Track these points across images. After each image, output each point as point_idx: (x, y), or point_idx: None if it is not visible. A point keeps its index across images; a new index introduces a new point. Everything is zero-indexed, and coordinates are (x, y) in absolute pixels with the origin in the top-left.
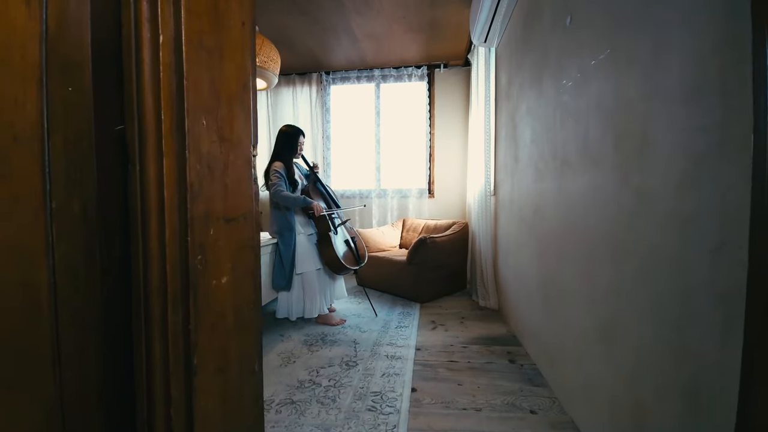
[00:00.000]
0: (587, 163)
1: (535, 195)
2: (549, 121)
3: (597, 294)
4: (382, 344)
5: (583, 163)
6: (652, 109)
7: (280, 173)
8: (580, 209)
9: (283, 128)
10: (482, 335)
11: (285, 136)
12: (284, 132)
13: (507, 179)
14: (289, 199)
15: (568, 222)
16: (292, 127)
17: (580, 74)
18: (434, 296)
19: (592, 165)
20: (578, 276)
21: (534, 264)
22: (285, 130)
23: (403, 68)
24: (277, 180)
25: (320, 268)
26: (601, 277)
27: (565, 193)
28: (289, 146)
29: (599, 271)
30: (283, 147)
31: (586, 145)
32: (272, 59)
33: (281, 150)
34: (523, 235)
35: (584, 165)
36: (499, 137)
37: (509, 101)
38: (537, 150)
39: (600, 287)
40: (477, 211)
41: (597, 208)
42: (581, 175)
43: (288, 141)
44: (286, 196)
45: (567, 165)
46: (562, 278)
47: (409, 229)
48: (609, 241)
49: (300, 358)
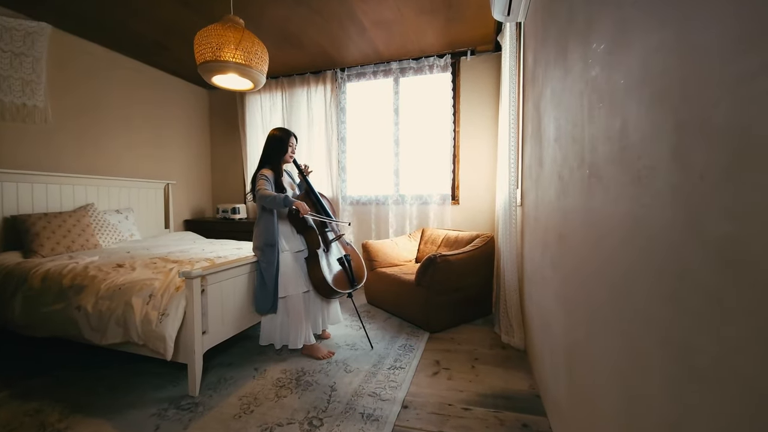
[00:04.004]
0: (624, 178)
1: (559, 216)
2: (574, 109)
3: (646, 388)
4: (363, 394)
5: (619, 176)
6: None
7: (267, 177)
8: (615, 247)
9: (273, 132)
10: (495, 391)
11: (274, 140)
12: (273, 135)
13: (532, 188)
14: (268, 198)
15: (598, 262)
16: (281, 130)
17: (615, 28)
18: (448, 324)
19: (633, 182)
20: (613, 352)
21: (557, 313)
22: (274, 133)
23: (424, 59)
24: (264, 184)
25: (308, 291)
26: (648, 361)
27: (594, 217)
28: (278, 150)
29: (646, 357)
30: (273, 150)
31: (623, 148)
32: (258, 56)
33: (270, 154)
34: (547, 267)
35: (620, 180)
36: (525, 133)
37: (534, 86)
38: (561, 153)
39: (651, 381)
40: (503, 224)
41: (642, 253)
42: (615, 195)
43: (278, 144)
44: (266, 195)
45: (596, 177)
46: (591, 347)
47: (428, 241)
48: (663, 312)
49: (261, 407)
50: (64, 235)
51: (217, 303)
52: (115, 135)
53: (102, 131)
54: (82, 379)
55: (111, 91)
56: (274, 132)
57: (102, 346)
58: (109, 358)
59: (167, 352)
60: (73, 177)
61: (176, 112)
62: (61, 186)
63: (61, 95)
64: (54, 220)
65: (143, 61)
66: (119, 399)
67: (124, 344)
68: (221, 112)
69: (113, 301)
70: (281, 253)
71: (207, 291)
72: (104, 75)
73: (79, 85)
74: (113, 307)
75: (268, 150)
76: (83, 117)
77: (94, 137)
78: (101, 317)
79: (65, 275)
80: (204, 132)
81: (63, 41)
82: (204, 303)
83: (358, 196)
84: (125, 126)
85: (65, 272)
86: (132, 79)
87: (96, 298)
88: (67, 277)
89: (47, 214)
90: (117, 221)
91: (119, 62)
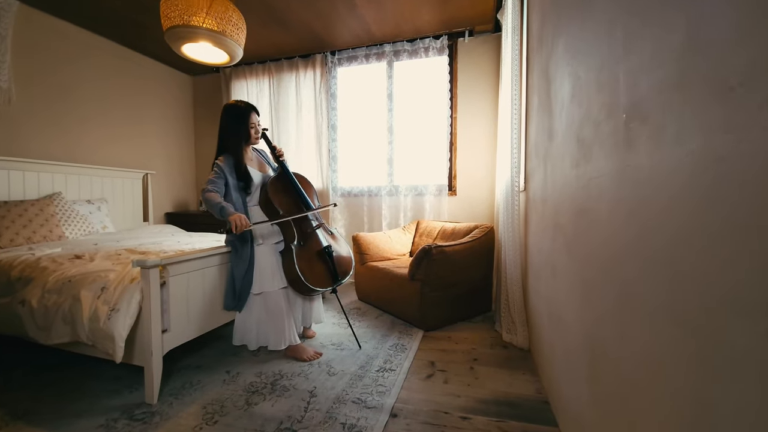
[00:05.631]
0: (693, 107)
1: (577, 189)
2: (599, 50)
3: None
4: (347, 400)
5: (681, 106)
6: None
7: (219, 168)
8: (673, 212)
9: (227, 105)
10: (497, 396)
11: (229, 117)
12: (228, 110)
13: (539, 167)
14: (211, 203)
15: (642, 235)
16: (238, 104)
17: None
18: (444, 322)
19: (711, 105)
20: (670, 346)
21: (574, 304)
22: (228, 107)
23: (419, 40)
24: (213, 177)
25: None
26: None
27: (637, 177)
28: (236, 129)
29: (729, 351)
30: (229, 132)
31: (691, 66)
32: (233, 24)
33: (226, 137)
34: (559, 252)
35: (684, 111)
36: (530, 109)
37: (542, 50)
38: (580, 111)
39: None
40: (504, 213)
41: (724, 206)
42: (675, 135)
43: (234, 122)
44: (209, 199)
45: (640, 120)
46: (626, 345)
47: (423, 234)
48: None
49: (227, 416)
50: (24, 225)
51: (182, 298)
52: (90, 120)
53: (75, 117)
54: (31, 382)
55: (86, 74)
56: (227, 106)
57: (48, 346)
58: (67, 358)
59: (116, 353)
60: (38, 163)
61: (157, 100)
62: (25, 173)
63: (28, 77)
64: (14, 209)
65: (121, 42)
66: (67, 406)
67: (73, 344)
68: (206, 99)
69: (61, 295)
70: (257, 246)
71: (169, 283)
72: (78, 57)
73: (50, 67)
74: (60, 302)
75: (224, 134)
76: (54, 101)
77: (67, 123)
78: (47, 313)
79: (15, 267)
80: (187, 121)
81: (32, 19)
82: (165, 297)
83: (349, 188)
84: (101, 112)
85: (16, 264)
86: (109, 62)
87: (42, 292)
88: (17, 268)
89: (7, 203)
90: (88, 212)
91: (95, 43)
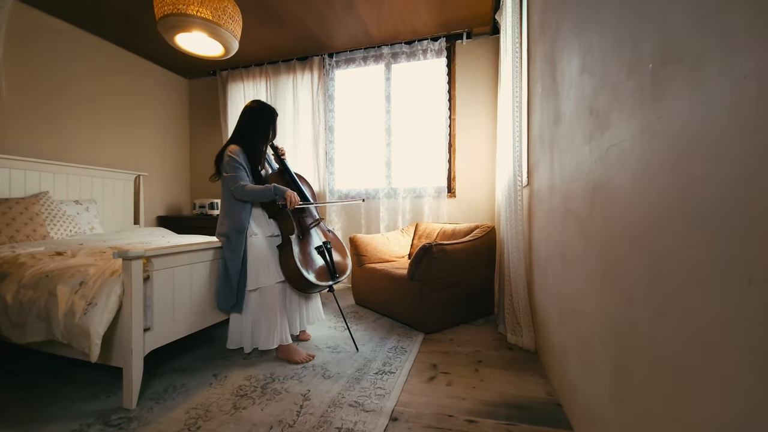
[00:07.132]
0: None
1: (591, 164)
2: (615, 4)
3: None
4: (343, 403)
5: (728, 34)
6: None
7: (238, 161)
8: (729, 153)
9: (251, 104)
10: (505, 398)
11: (253, 113)
12: (252, 108)
13: (544, 156)
14: (255, 192)
15: (686, 193)
16: (267, 108)
17: None
18: (445, 324)
19: None
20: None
21: (593, 290)
22: (254, 105)
23: (417, 42)
24: (236, 172)
25: (284, 281)
26: None
27: (671, 127)
28: (257, 126)
29: None
30: (251, 128)
31: None
32: (228, 14)
33: (247, 131)
34: (571, 238)
35: (732, 42)
36: (533, 98)
37: (545, 36)
38: (593, 80)
39: None
40: (506, 212)
41: None
42: (726, 67)
43: (259, 120)
44: (251, 190)
45: (678, 60)
46: (666, 322)
47: (422, 236)
48: None
49: (211, 422)
50: (7, 223)
51: (167, 294)
52: (81, 120)
53: (67, 116)
54: (4, 385)
55: (79, 73)
56: (252, 104)
57: (22, 345)
58: (46, 361)
59: (92, 351)
60: (25, 161)
61: (152, 102)
62: (11, 170)
63: (19, 74)
64: None
65: (114, 42)
66: (40, 410)
67: (49, 344)
68: (201, 102)
69: (37, 290)
70: (250, 237)
71: (153, 278)
72: (71, 55)
73: (42, 65)
74: (35, 298)
75: (243, 125)
76: (45, 99)
77: (57, 121)
78: (21, 309)
79: None
80: (182, 123)
81: (25, 15)
82: (148, 293)
83: (347, 190)
84: (93, 112)
85: None
86: (103, 62)
87: (18, 287)
88: None
89: None
90: (75, 212)
91: (88, 42)
